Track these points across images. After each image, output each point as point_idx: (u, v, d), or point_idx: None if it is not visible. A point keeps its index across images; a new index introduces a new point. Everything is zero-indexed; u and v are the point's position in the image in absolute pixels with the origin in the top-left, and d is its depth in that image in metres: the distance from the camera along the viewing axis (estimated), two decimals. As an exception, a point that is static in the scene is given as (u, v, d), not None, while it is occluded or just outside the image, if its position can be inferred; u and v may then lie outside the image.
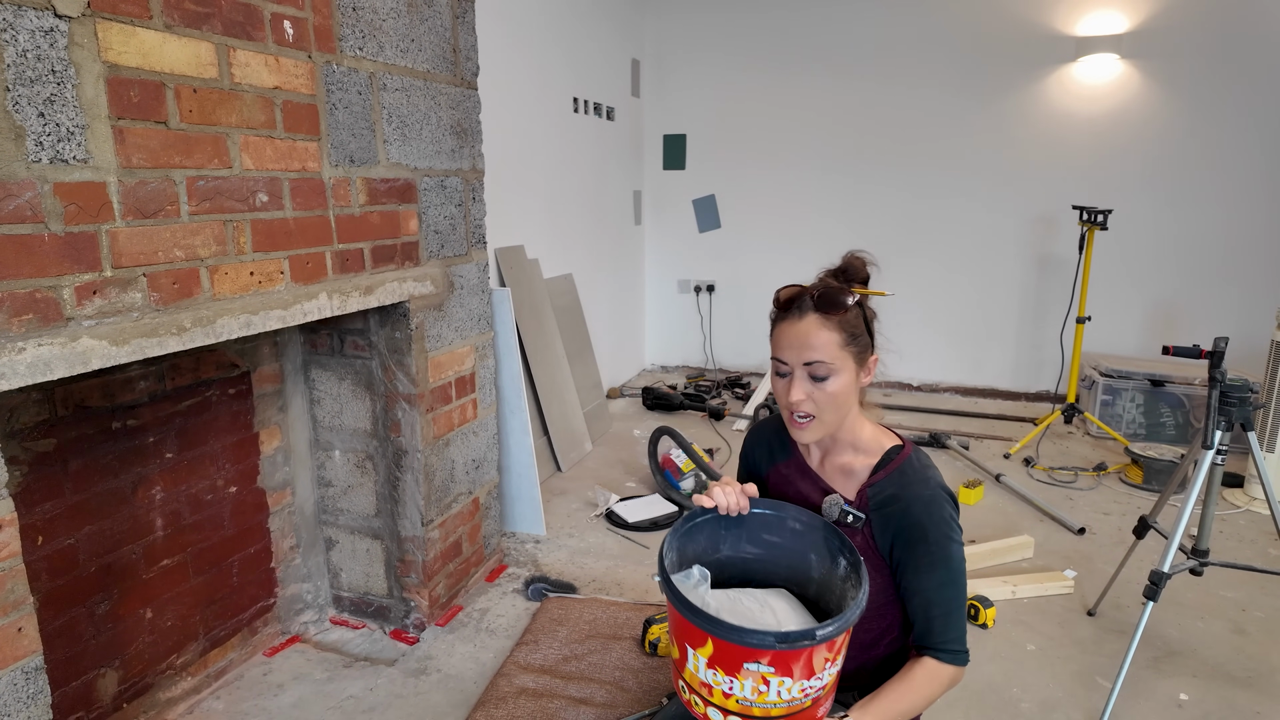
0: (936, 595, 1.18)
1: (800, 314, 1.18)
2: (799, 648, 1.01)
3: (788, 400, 1.19)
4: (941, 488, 1.21)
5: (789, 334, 1.19)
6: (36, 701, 1.23)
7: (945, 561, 1.18)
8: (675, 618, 1.10)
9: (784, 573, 1.28)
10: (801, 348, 1.17)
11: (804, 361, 1.17)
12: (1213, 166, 4.04)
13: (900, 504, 1.19)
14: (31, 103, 1.18)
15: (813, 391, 1.18)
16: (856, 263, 1.25)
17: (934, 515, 1.17)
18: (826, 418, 1.20)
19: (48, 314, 1.22)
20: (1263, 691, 1.99)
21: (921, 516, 1.18)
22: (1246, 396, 1.92)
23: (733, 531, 1.28)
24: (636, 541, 2.85)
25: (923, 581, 1.18)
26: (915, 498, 1.19)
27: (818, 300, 1.18)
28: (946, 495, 1.21)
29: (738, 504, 1.22)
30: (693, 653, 1.07)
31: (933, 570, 1.18)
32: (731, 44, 4.75)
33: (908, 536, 1.19)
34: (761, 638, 1.01)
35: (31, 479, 1.53)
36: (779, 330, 1.21)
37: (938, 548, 1.17)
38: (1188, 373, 3.78)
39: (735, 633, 1.01)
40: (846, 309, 1.18)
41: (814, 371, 1.17)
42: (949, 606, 1.18)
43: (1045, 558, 2.70)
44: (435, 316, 2.18)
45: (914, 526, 1.18)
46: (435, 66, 2.12)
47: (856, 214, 4.72)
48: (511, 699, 1.90)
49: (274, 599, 2.19)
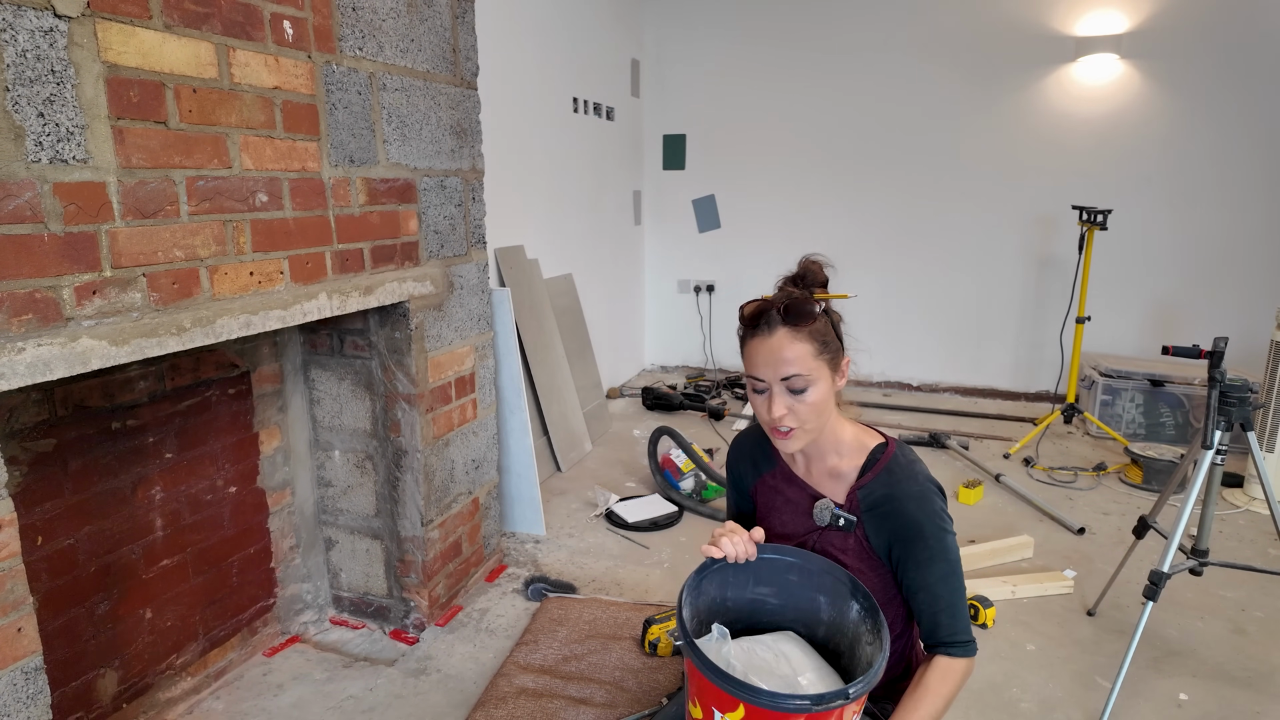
0: (940, 588, 1.19)
1: (770, 329, 1.18)
2: (833, 708, 1.01)
3: (769, 417, 1.19)
4: (930, 481, 1.22)
5: (761, 351, 1.18)
6: (36, 702, 1.23)
7: (943, 554, 1.19)
8: (701, 682, 1.08)
9: (791, 614, 1.28)
10: (777, 364, 1.17)
11: (781, 377, 1.17)
12: (1213, 166, 4.04)
13: (893, 503, 1.20)
14: (31, 103, 1.18)
15: (793, 405, 1.18)
16: (814, 267, 1.25)
17: (927, 510, 1.19)
18: (809, 426, 1.21)
19: (47, 314, 1.22)
20: (1262, 691, 1.99)
21: (916, 513, 1.19)
22: (1246, 396, 1.92)
23: (739, 576, 1.28)
24: (636, 541, 2.85)
25: (925, 576, 1.19)
26: (907, 495, 1.20)
27: (785, 313, 1.18)
28: (935, 488, 1.22)
29: (745, 552, 1.23)
30: (721, 717, 1.06)
31: (933, 564, 1.19)
32: (731, 44, 4.75)
33: (904, 534, 1.20)
34: (799, 703, 1.01)
35: (31, 479, 1.53)
36: (751, 348, 1.21)
37: (935, 541, 1.19)
38: (1187, 373, 3.78)
39: (771, 699, 1.01)
40: (814, 318, 1.18)
41: (792, 385, 1.17)
42: (952, 599, 1.20)
43: (1045, 558, 2.70)
44: (435, 316, 2.18)
45: (909, 524, 1.19)
46: (435, 66, 2.12)
47: (856, 214, 4.72)
48: (511, 699, 1.90)
49: (274, 599, 2.19)
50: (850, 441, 1.27)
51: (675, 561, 2.70)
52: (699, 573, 1.24)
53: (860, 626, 1.18)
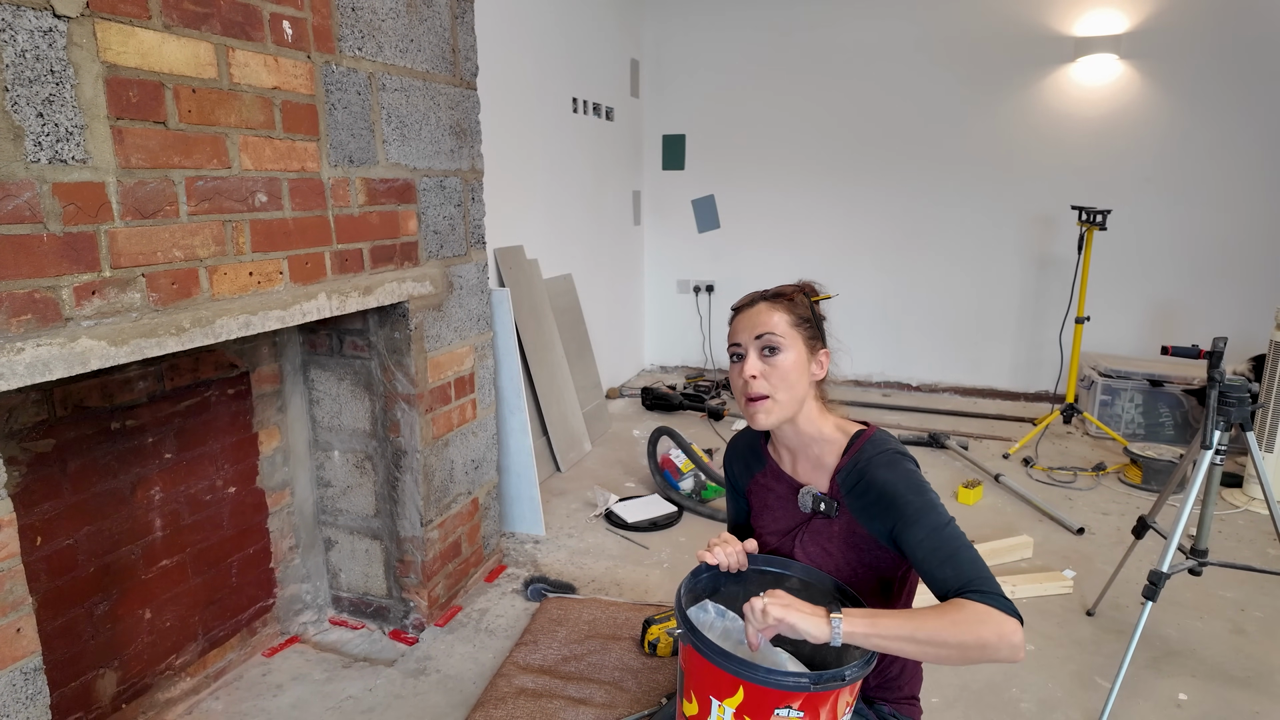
0: (936, 539, 1.11)
1: (751, 304, 1.29)
2: (830, 689, 1.01)
3: (742, 378, 1.25)
4: (899, 451, 1.23)
5: (741, 321, 1.28)
6: (35, 702, 1.23)
7: (929, 508, 1.14)
8: (699, 669, 1.08)
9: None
10: (752, 327, 1.25)
11: (755, 335, 1.24)
12: (1212, 166, 4.04)
13: (865, 476, 1.21)
14: (30, 103, 1.18)
15: (764, 369, 1.23)
16: (807, 286, 1.34)
17: (898, 472, 1.19)
18: (780, 396, 1.23)
19: (46, 314, 1.22)
20: (1262, 691, 2.00)
21: (887, 476, 1.19)
22: (1245, 397, 1.92)
23: (731, 588, 1.29)
24: (636, 542, 2.85)
25: (917, 532, 1.13)
26: (876, 465, 1.21)
27: (766, 293, 1.30)
28: (905, 455, 1.23)
29: (737, 562, 1.27)
30: (718, 705, 1.06)
31: (921, 518, 1.13)
32: (731, 44, 4.75)
33: (884, 502, 1.17)
34: (796, 680, 1.01)
35: (30, 479, 1.53)
36: (734, 324, 1.31)
37: (914, 495, 1.15)
38: (1186, 373, 3.78)
39: (770, 676, 1.01)
40: (792, 297, 1.28)
41: (765, 343, 1.23)
42: (953, 548, 1.10)
43: (1044, 558, 2.71)
44: (434, 317, 2.18)
45: (884, 489, 1.18)
46: (434, 66, 2.12)
47: (855, 214, 4.73)
48: (510, 699, 1.90)
49: (273, 599, 2.19)
50: (832, 433, 1.29)
51: (675, 562, 2.70)
52: (693, 575, 1.26)
53: None
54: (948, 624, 1.01)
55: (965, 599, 1.04)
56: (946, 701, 1.95)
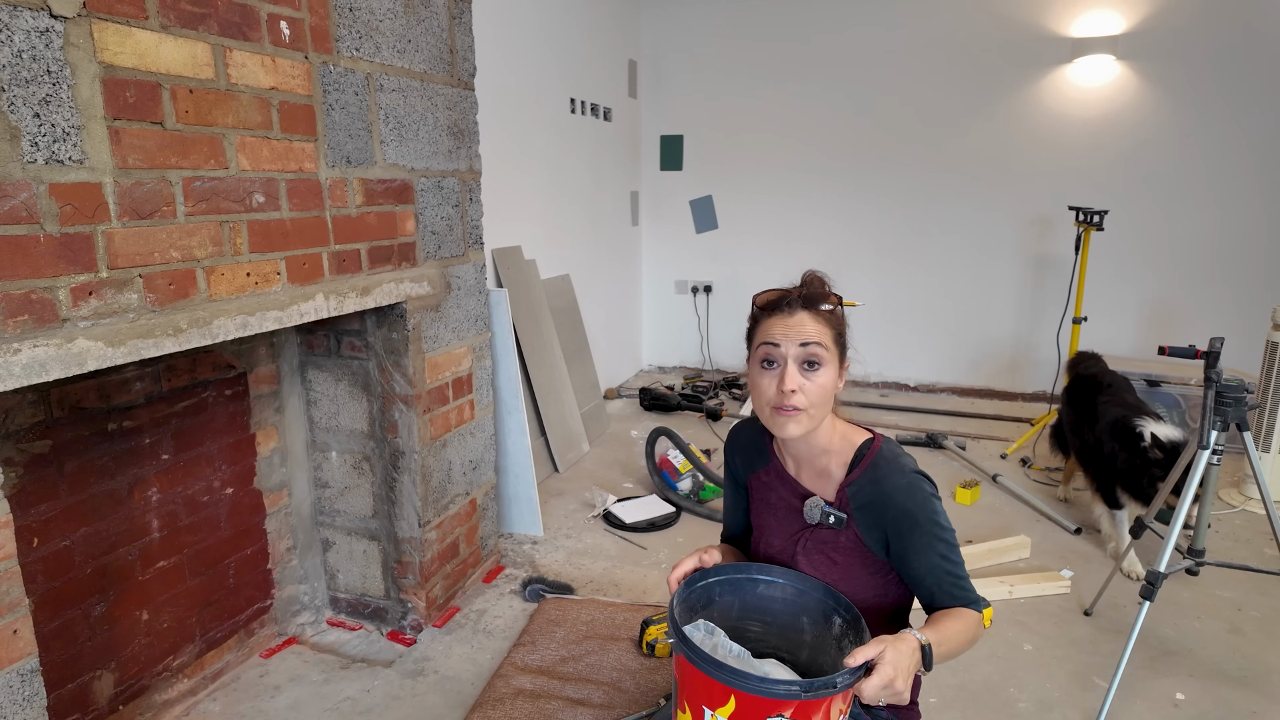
0: (946, 566, 1.21)
1: (791, 310, 1.20)
2: (822, 696, 1.01)
3: (781, 389, 1.17)
4: (916, 473, 1.23)
5: (780, 324, 1.19)
6: (32, 704, 1.22)
7: (941, 535, 1.20)
8: (691, 678, 1.08)
9: (775, 640, 1.29)
10: (796, 336, 1.18)
11: (800, 342, 1.17)
12: (1209, 167, 4.05)
13: (883, 498, 1.21)
14: (27, 103, 1.17)
15: (804, 383, 1.18)
16: (817, 281, 1.26)
17: (917, 499, 1.20)
18: (814, 411, 1.20)
19: (43, 315, 1.22)
20: (1259, 691, 2.00)
21: (907, 503, 1.20)
22: (1242, 397, 1.93)
23: (725, 599, 1.29)
24: (634, 542, 2.85)
25: (928, 560, 1.20)
26: (895, 489, 1.21)
27: (805, 298, 1.21)
28: (923, 477, 1.23)
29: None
30: (710, 715, 1.05)
31: (933, 547, 1.19)
32: (729, 45, 4.75)
33: (899, 526, 1.20)
34: (787, 688, 1.00)
35: (27, 480, 1.53)
36: (767, 324, 1.21)
37: (931, 526, 1.20)
38: (1184, 373, 3.78)
39: (761, 684, 1.01)
40: (831, 303, 1.23)
41: (809, 355, 1.17)
42: (957, 571, 1.22)
43: (1042, 558, 2.71)
44: (432, 317, 2.18)
45: (903, 516, 1.20)
46: (432, 67, 2.12)
47: (853, 215, 4.73)
48: (509, 700, 1.89)
49: (270, 600, 2.18)
50: (839, 441, 1.28)
51: (673, 562, 2.70)
52: (687, 585, 1.26)
53: (844, 640, 1.19)
54: (963, 634, 1.17)
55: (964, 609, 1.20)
56: (944, 702, 1.95)
